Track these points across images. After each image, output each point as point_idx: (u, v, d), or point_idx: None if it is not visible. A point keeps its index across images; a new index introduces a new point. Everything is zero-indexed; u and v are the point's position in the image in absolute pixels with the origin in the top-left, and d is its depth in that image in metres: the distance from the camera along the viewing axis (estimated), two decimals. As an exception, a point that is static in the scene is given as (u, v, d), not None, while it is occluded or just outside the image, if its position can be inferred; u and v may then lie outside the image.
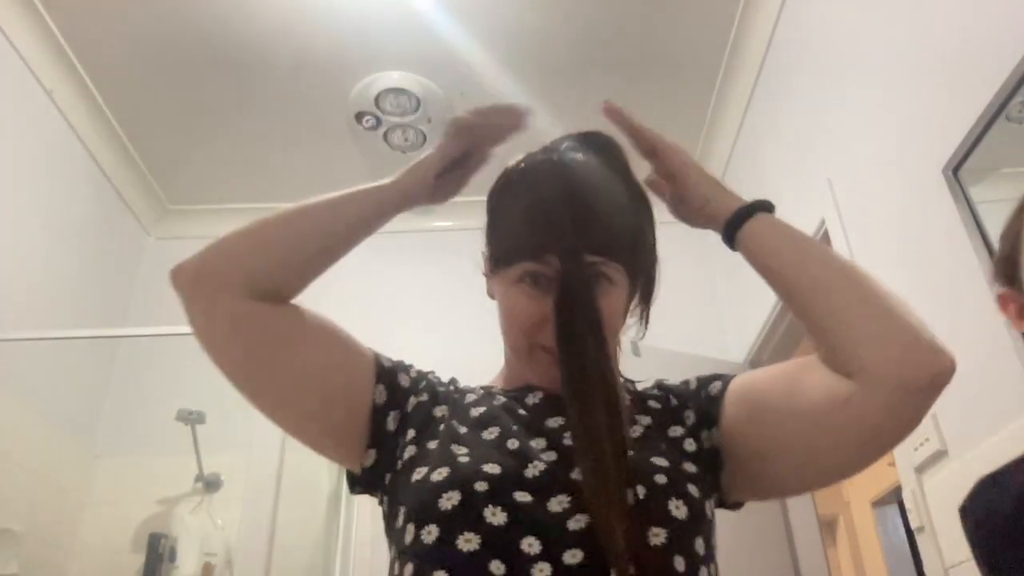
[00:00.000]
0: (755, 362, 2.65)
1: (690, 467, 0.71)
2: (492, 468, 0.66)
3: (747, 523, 2.43)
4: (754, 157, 2.60)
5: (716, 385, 0.78)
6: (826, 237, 1.97)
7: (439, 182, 0.80)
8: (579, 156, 0.79)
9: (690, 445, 0.75)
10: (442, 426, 0.75)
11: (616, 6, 2.35)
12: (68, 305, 2.55)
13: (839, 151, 1.93)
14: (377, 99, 2.62)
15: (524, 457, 0.68)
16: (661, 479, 0.67)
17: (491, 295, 0.84)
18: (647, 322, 0.88)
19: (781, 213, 0.75)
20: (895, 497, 3.70)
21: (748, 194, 0.80)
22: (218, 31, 2.37)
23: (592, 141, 0.83)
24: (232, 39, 2.40)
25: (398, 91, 2.59)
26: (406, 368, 0.81)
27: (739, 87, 2.58)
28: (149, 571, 2.26)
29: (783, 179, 2.32)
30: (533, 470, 0.67)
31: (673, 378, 0.87)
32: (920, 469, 1.55)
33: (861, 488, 4.21)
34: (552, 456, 0.69)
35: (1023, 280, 0.76)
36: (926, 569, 1.54)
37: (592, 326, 0.71)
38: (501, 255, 0.79)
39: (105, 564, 2.37)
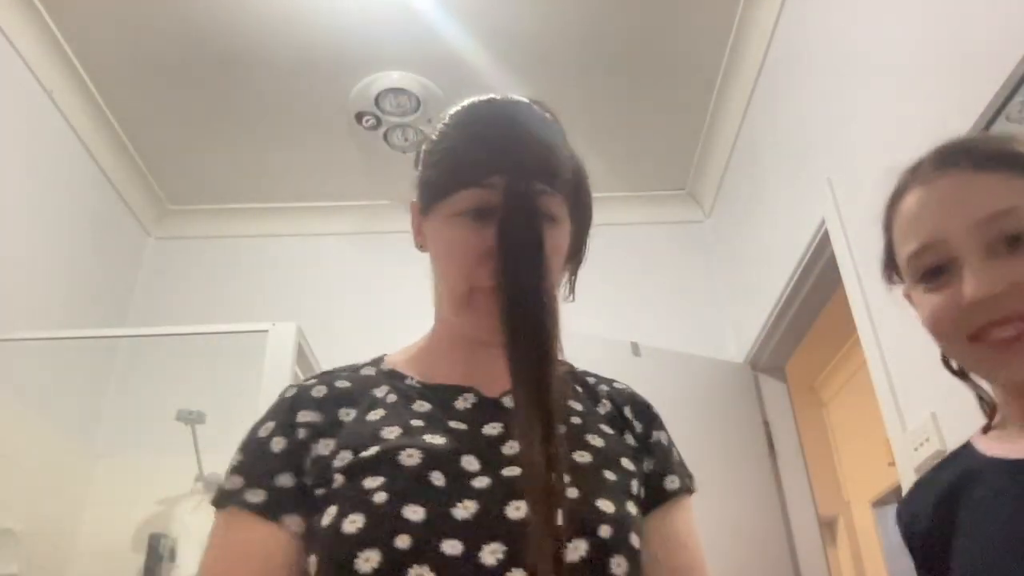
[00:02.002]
0: (755, 362, 2.65)
1: (633, 509, 0.67)
2: (414, 512, 0.58)
3: (747, 523, 2.44)
4: (754, 157, 2.60)
5: (674, 481, 0.74)
6: (826, 237, 1.97)
7: None
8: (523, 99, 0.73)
9: (636, 488, 0.70)
10: (344, 457, 0.64)
11: (616, 6, 2.35)
12: (68, 305, 2.55)
13: (839, 151, 1.93)
14: (377, 99, 2.62)
15: (452, 493, 0.60)
16: (606, 532, 0.61)
17: (420, 247, 0.76)
18: (573, 287, 0.80)
19: (781, 213, 0.74)
20: (895, 497, 3.69)
21: (748, 193, 0.79)
22: (218, 31, 2.37)
23: (534, 100, 0.76)
24: (232, 39, 2.40)
25: (398, 91, 2.59)
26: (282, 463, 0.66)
27: (739, 87, 2.58)
28: (149, 571, 2.26)
29: (783, 179, 2.32)
30: (464, 511, 0.59)
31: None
32: (920, 469, 1.54)
33: (861, 488, 4.20)
34: (485, 483, 0.61)
35: (902, 269, 0.75)
36: (926, 569, 1.54)
37: (536, 248, 0.64)
38: (438, 186, 0.70)
39: (105, 564, 2.37)
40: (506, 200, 0.64)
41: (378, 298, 2.95)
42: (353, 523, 0.58)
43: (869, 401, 1.82)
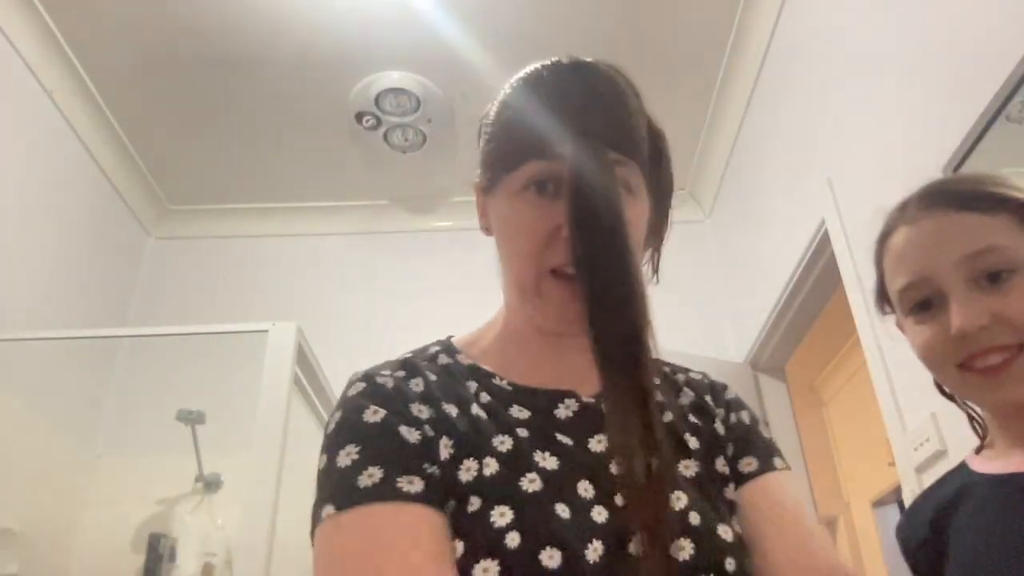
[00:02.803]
0: (755, 362, 2.65)
1: (738, 527, 0.60)
2: (550, 558, 0.51)
3: (747, 523, 2.43)
4: (754, 157, 2.60)
5: (752, 463, 0.65)
6: (826, 237, 1.97)
7: None
8: (592, 60, 0.65)
9: (731, 491, 0.63)
10: (469, 468, 0.57)
11: (616, 6, 2.35)
12: (68, 305, 2.55)
13: (839, 151, 1.93)
14: (377, 99, 2.62)
15: (581, 530, 0.53)
16: (731, 566, 0.55)
17: (486, 230, 0.69)
18: (657, 266, 0.72)
19: (781, 213, 0.74)
20: (895, 497, 3.69)
21: (748, 193, 0.79)
22: (218, 31, 2.37)
23: (606, 64, 0.67)
24: (232, 39, 2.40)
25: (398, 91, 2.59)
26: (419, 461, 0.57)
27: (739, 87, 2.58)
28: (149, 571, 2.26)
29: (783, 179, 2.32)
30: (594, 553, 0.52)
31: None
32: (920, 469, 1.55)
33: (861, 488, 4.20)
34: (604, 516, 0.54)
35: (894, 304, 0.80)
36: (926, 569, 1.54)
37: (615, 222, 0.56)
38: (500, 160, 0.64)
39: (105, 564, 2.37)
40: (576, 170, 0.57)
41: (378, 298, 2.95)
42: (486, 572, 0.51)
43: (869, 401, 1.82)
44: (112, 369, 2.79)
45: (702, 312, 2.93)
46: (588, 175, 0.57)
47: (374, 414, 0.58)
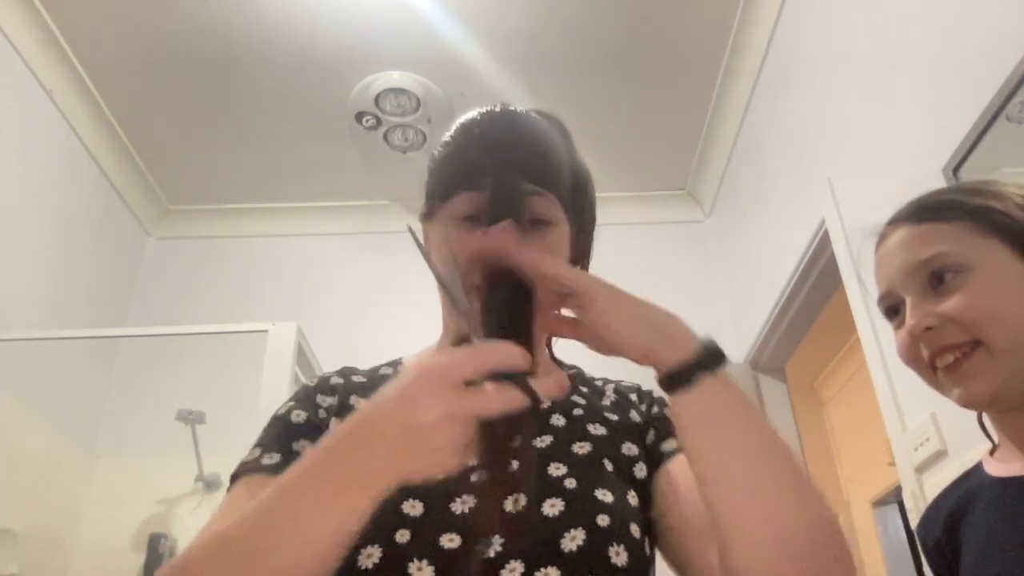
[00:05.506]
0: (755, 362, 2.65)
1: (634, 499, 0.67)
2: (413, 508, 0.60)
3: (747, 523, 2.43)
4: (754, 157, 2.60)
5: (672, 443, 0.72)
6: (826, 237, 1.97)
7: None
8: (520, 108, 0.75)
9: (640, 471, 0.71)
10: None
11: (616, 7, 2.35)
12: (68, 305, 2.55)
13: (839, 151, 1.93)
14: (377, 99, 2.62)
15: (450, 487, 0.61)
16: (604, 521, 0.62)
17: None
18: None
19: (781, 213, 0.75)
20: (895, 497, 3.69)
21: (748, 193, 0.80)
22: (218, 31, 2.37)
23: (536, 110, 0.76)
24: (232, 39, 2.40)
25: (398, 91, 2.59)
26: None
27: (739, 87, 2.58)
28: (149, 571, 2.26)
29: (783, 179, 2.32)
30: (461, 505, 0.61)
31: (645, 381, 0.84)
32: (920, 469, 1.55)
33: (861, 488, 4.20)
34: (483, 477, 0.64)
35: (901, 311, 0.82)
36: (926, 569, 1.54)
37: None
38: (437, 191, 0.73)
39: (105, 564, 2.37)
40: (491, 197, 0.65)
41: (378, 298, 2.95)
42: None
43: (869, 401, 1.82)
44: (112, 369, 2.79)
45: (702, 312, 2.93)
46: (501, 201, 0.65)
47: (286, 407, 0.75)
